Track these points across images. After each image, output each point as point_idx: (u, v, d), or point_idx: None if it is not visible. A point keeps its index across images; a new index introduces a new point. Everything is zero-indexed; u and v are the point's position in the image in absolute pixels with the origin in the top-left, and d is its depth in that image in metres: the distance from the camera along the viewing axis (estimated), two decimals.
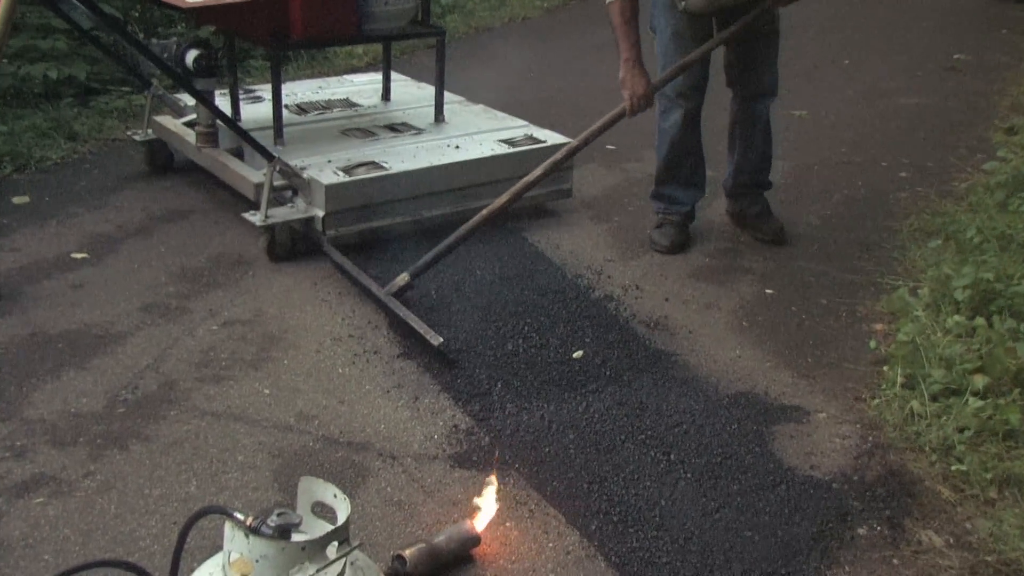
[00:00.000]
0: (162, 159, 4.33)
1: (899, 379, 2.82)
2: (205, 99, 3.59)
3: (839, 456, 2.59)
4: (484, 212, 3.23)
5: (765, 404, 2.80)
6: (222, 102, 3.98)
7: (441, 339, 2.88)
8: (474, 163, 3.79)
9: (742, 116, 3.68)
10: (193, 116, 4.05)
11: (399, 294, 3.11)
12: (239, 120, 4.02)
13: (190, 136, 3.98)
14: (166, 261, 3.50)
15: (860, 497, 2.42)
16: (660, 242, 3.75)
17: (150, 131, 4.26)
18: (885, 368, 2.95)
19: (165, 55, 3.65)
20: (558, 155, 3.32)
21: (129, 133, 4.45)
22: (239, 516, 1.71)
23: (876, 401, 2.82)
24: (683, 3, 3.33)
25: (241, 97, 4.21)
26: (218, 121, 3.75)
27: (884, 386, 2.87)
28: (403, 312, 3.01)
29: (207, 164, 3.95)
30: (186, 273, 3.41)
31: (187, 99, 4.18)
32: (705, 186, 3.82)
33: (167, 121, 4.21)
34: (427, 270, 3.20)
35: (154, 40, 3.74)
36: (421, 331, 2.91)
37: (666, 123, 3.63)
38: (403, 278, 3.12)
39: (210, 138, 3.90)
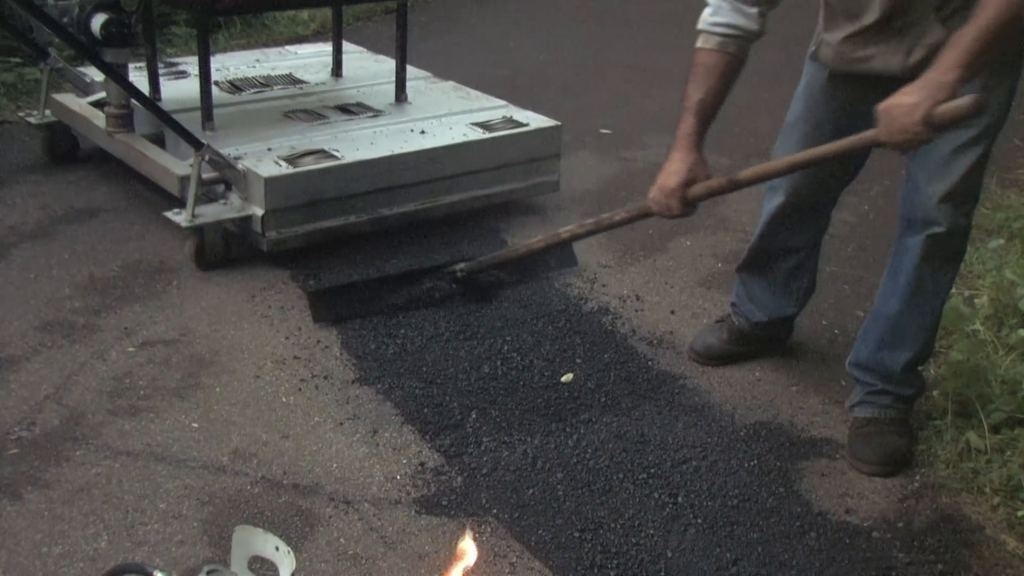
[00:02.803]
0: (64, 146, 4.34)
1: (952, 406, 2.87)
2: (116, 74, 3.60)
3: (880, 498, 2.63)
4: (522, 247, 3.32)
5: (791, 436, 2.85)
6: (138, 78, 4.00)
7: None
8: (443, 151, 3.83)
9: (893, 250, 2.77)
10: (102, 95, 4.05)
11: (452, 277, 3.40)
12: (159, 100, 4.04)
13: (99, 119, 3.99)
14: (70, 270, 3.51)
15: (907, 548, 2.46)
16: (694, 343, 3.19)
17: (48, 112, 4.27)
18: (935, 393, 3.01)
19: (66, 19, 3.65)
20: (567, 232, 3.09)
21: (22, 114, 4.46)
22: None
23: (924, 432, 2.87)
24: (813, 46, 2.76)
25: (161, 72, 4.22)
26: (133, 101, 3.77)
27: (934, 415, 2.92)
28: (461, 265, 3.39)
29: (120, 153, 3.96)
30: (95, 284, 3.43)
31: (94, 74, 4.19)
32: (803, 303, 3.15)
33: (69, 100, 4.22)
34: (478, 273, 3.41)
35: (51, 1, 3.74)
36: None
37: (767, 204, 3.01)
38: (460, 268, 3.39)
39: (123, 121, 3.91)
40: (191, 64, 4.39)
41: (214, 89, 3.98)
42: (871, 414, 2.83)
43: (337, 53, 4.63)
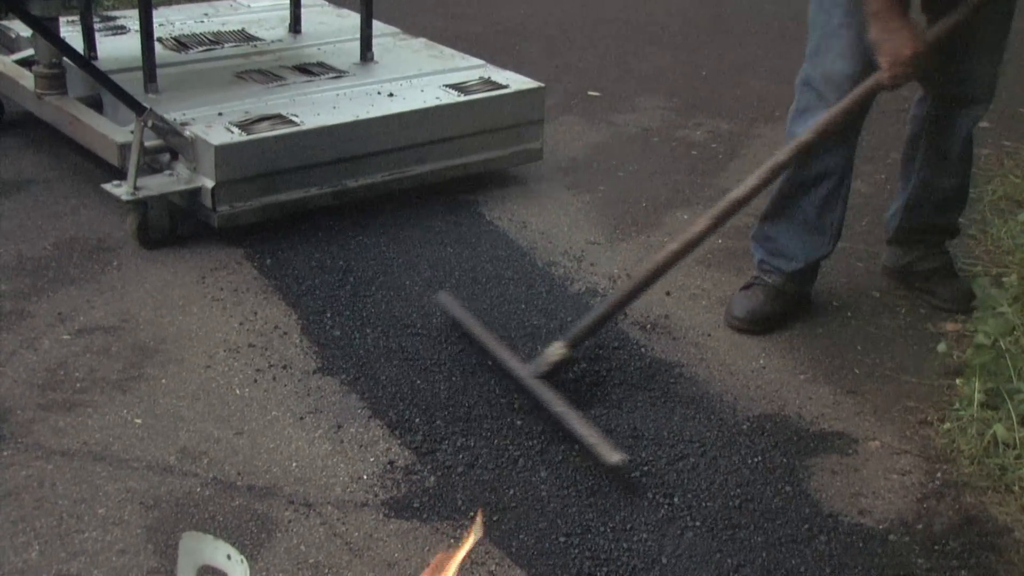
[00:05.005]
0: None
1: (977, 396, 2.88)
2: (46, 29, 3.57)
3: (897, 498, 2.64)
4: (675, 247, 2.95)
5: (798, 430, 2.85)
6: (70, 33, 3.96)
7: (621, 455, 2.57)
8: (414, 116, 3.82)
9: (933, 126, 3.31)
10: (30, 52, 4.03)
11: (553, 373, 2.83)
12: (95, 58, 4.01)
13: (26, 79, 3.96)
14: None
15: (926, 552, 2.47)
16: (731, 310, 3.33)
17: None
18: (958, 381, 3.02)
19: None
20: (780, 156, 2.94)
21: None
22: None
23: (946, 425, 2.88)
24: None
25: (97, 27, 4.19)
26: (65, 60, 3.74)
27: (957, 405, 2.93)
28: (559, 408, 2.70)
29: (51, 118, 3.93)
30: (24, 265, 3.40)
31: (20, 28, 4.15)
32: (838, 236, 3.35)
33: None
34: (591, 336, 2.94)
35: None
36: (590, 442, 2.61)
37: (800, 127, 3.13)
38: (556, 349, 2.84)
39: (55, 82, 3.89)
40: (131, 18, 4.37)
41: (157, 47, 3.95)
42: (938, 263, 3.49)
43: (295, 7, 4.60)
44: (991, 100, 3.26)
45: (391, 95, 3.93)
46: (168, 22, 4.57)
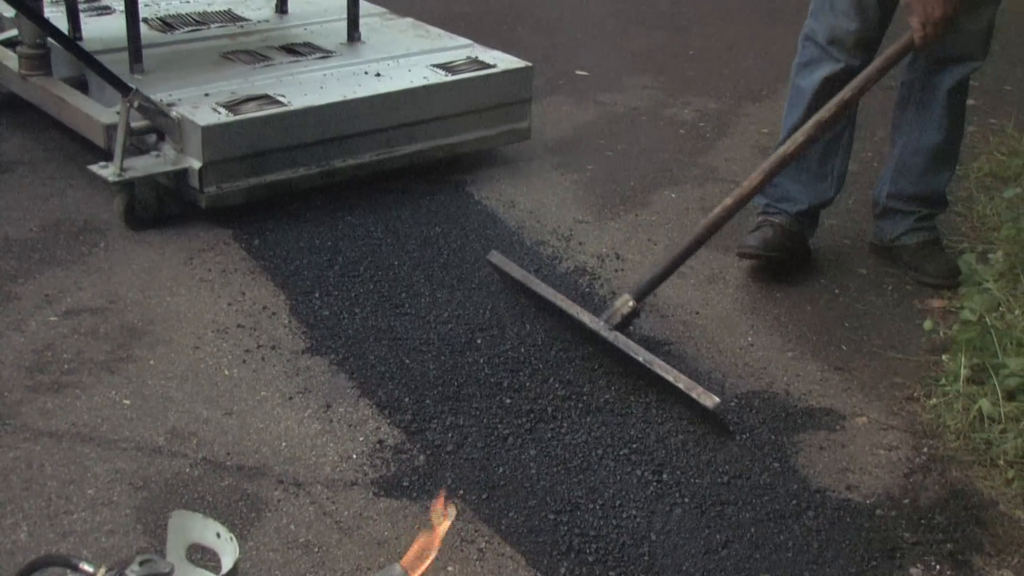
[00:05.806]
0: None
1: (963, 371, 2.90)
2: (30, 9, 3.55)
3: (884, 473, 2.66)
4: (728, 202, 2.98)
5: (786, 406, 2.87)
6: (55, 13, 3.94)
7: (717, 399, 2.65)
8: (401, 96, 3.81)
9: (918, 88, 3.41)
10: (13, 32, 4.01)
11: (624, 325, 2.89)
12: (80, 38, 3.99)
13: (10, 60, 3.95)
14: None
15: (913, 526, 2.49)
16: (744, 243, 3.47)
17: None
18: (945, 357, 3.04)
19: None
20: (823, 113, 3.00)
21: None
22: (87, 567, 1.72)
23: (933, 401, 2.90)
24: None
25: (81, 7, 4.17)
26: (50, 40, 3.72)
27: (943, 381, 2.95)
28: (644, 356, 2.77)
29: (36, 99, 3.92)
30: (11, 246, 3.39)
31: (3, 8, 4.13)
32: (841, 183, 3.53)
33: None
34: (656, 287, 3.01)
35: None
36: (683, 387, 2.69)
37: (806, 79, 3.37)
38: (625, 302, 2.90)
39: (39, 63, 3.87)
40: None
41: (143, 27, 3.93)
42: (926, 237, 3.49)
43: None
44: (984, 57, 3.31)
45: (378, 75, 3.92)
46: (154, 2, 4.54)
